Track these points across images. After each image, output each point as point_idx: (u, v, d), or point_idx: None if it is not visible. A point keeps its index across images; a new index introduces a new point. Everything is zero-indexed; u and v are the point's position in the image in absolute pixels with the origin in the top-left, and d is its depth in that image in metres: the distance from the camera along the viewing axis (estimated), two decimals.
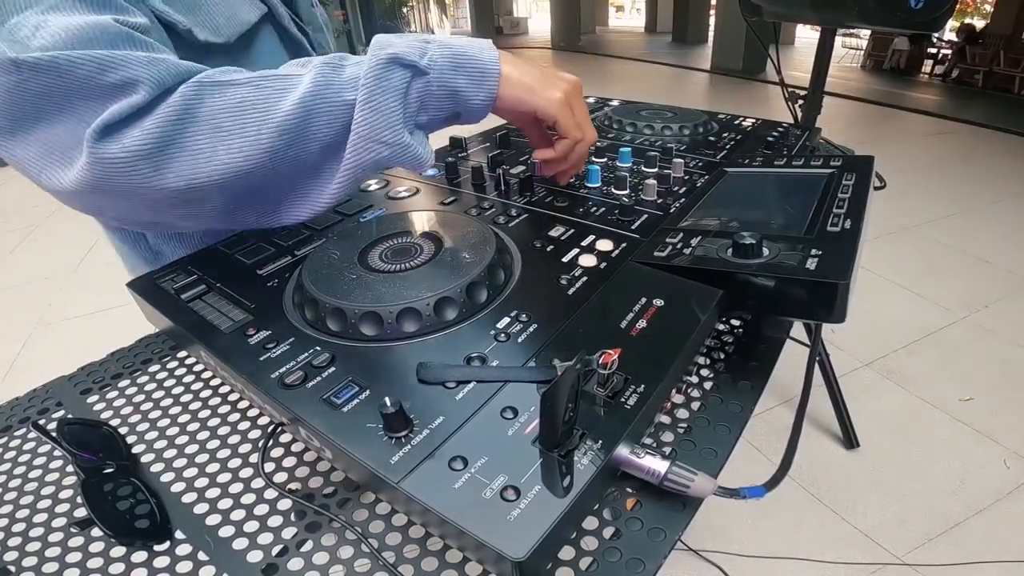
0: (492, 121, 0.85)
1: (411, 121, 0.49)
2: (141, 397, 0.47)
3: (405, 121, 0.48)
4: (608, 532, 0.34)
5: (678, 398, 0.44)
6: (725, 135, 0.83)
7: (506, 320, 0.42)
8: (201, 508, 0.38)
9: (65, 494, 0.40)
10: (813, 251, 0.43)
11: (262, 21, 0.61)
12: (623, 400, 0.35)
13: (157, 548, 0.35)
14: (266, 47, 0.62)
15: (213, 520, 0.37)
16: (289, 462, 0.40)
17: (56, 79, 0.40)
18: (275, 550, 0.34)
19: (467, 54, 0.49)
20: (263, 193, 0.50)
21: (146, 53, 0.43)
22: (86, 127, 0.41)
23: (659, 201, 0.61)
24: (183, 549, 0.35)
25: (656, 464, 0.34)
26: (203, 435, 0.43)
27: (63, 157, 0.43)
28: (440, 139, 0.86)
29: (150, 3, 0.51)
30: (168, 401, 0.47)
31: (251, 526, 0.36)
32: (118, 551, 0.35)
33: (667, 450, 0.39)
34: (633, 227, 0.56)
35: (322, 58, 0.48)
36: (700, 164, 0.71)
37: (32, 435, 0.45)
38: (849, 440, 1.72)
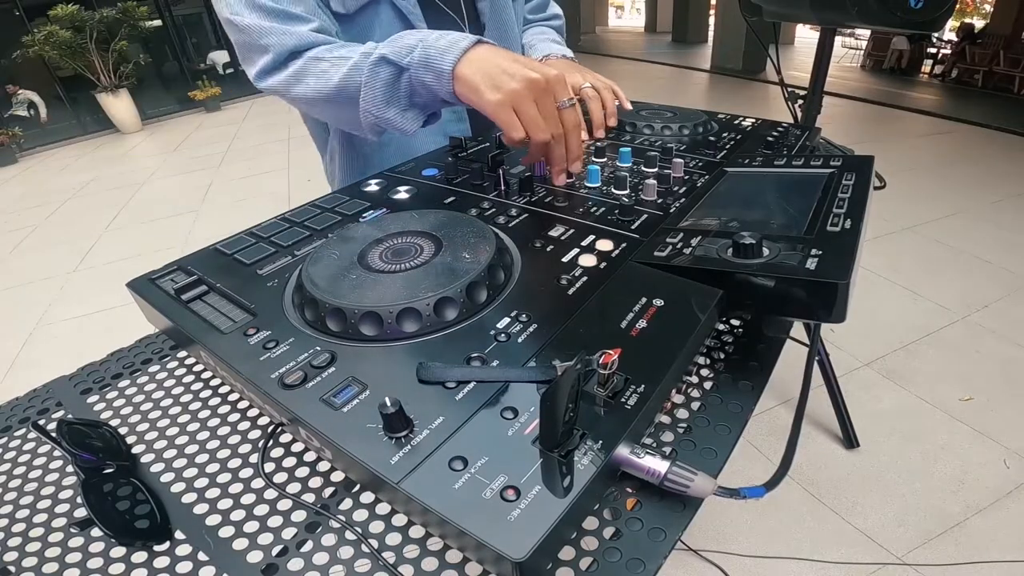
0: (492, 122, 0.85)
1: (403, 101, 0.65)
2: (141, 397, 0.47)
3: (389, 102, 0.65)
4: (608, 532, 0.34)
5: (678, 398, 0.44)
6: (725, 135, 0.83)
7: (506, 320, 0.42)
8: (201, 508, 0.37)
9: (65, 494, 0.40)
10: (813, 251, 0.43)
11: (380, 2, 0.77)
12: (623, 400, 0.35)
13: (157, 548, 0.35)
14: (383, 19, 0.78)
15: (213, 520, 0.37)
16: (289, 462, 0.40)
17: (237, 33, 0.70)
18: (275, 550, 0.34)
19: (434, 56, 0.60)
20: (343, 116, 0.70)
21: (284, 26, 0.67)
22: (252, 68, 0.71)
23: (659, 201, 0.61)
24: (183, 549, 0.35)
25: (656, 464, 0.34)
26: (203, 435, 0.43)
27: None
28: (440, 139, 0.86)
29: None
30: (168, 401, 0.47)
31: (251, 526, 0.36)
32: (118, 551, 0.35)
33: (667, 450, 0.39)
34: (633, 227, 0.56)
35: (366, 47, 0.65)
36: (700, 164, 0.71)
37: (32, 435, 0.45)
38: (849, 440, 1.72)
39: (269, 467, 0.40)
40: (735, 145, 0.79)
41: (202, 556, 0.35)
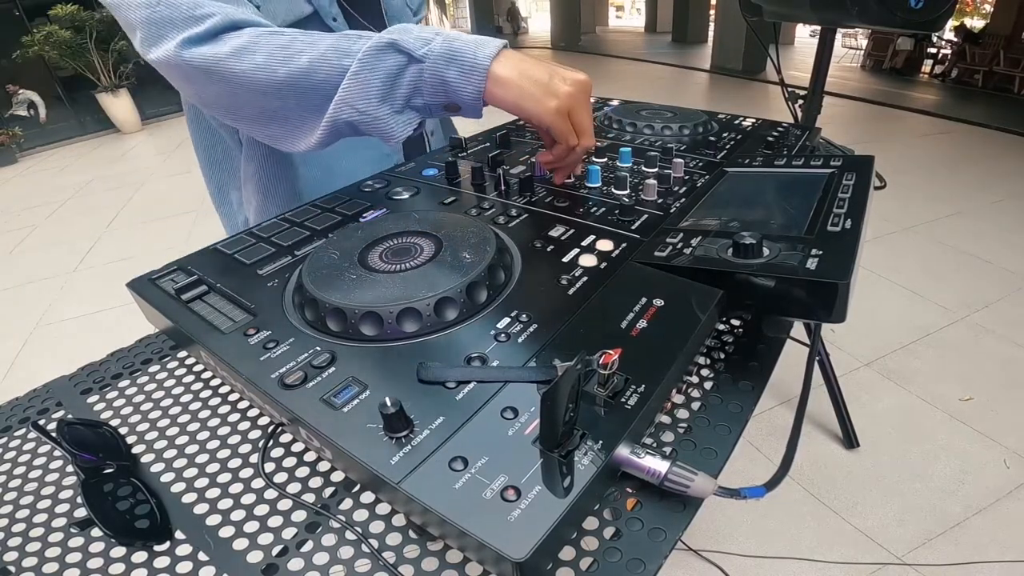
0: (492, 121, 0.85)
1: (400, 100, 0.56)
2: (141, 397, 0.47)
3: (384, 97, 0.55)
4: (608, 532, 0.34)
5: (678, 398, 0.44)
6: (725, 135, 0.83)
7: (506, 320, 0.42)
8: (201, 508, 0.37)
9: (65, 494, 0.40)
10: (813, 251, 0.43)
11: (310, 18, 0.71)
12: (623, 400, 0.35)
13: (157, 548, 0.35)
14: None
15: (213, 520, 0.37)
16: (289, 462, 0.40)
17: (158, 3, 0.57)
18: (275, 550, 0.34)
19: (462, 50, 0.54)
20: (281, 112, 0.60)
21: (226, 4, 0.58)
22: (173, 37, 0.56)
23: (659, 201, 0.61)
24: (183, 549, 0.35)
25: (656, 464, 0.34)
26: (203, 435, 0.43)
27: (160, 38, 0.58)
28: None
29: None
30: (168, 401, 0.47)
31: (251, 526, 0.36)
32: (118, 551, 0.35)
33: (667, 450, 0.39)
34: (633, 227, 0.56)
35: (350, 32, 0.57)
36: (700, 164, 0.71)
37: (32, 435, 0.45)
38: (849, 440, 1.72)
39: (269, 467, 0.40)
40: (735, 145, 0.79)
41: (202, 556, 0.35)
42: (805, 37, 10.71)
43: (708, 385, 0.45)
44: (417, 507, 0.30)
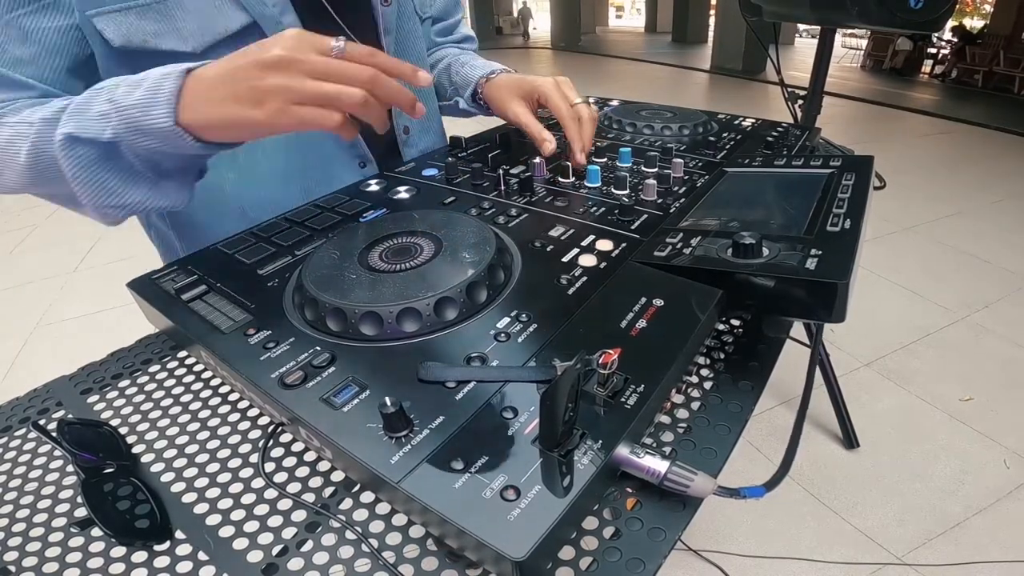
0: (492, 121, 0.85)
1: (147, 173, 0.49)
2: (141, 397, 0.47)
3: (127, 180, 0.48)
4: (608, 532, 0.34)
5: (678, 398, 0.44)
6: (725, 135, 0.83)
7: (506, 320, 0.42)
8: (201, 508, 0.37)
9: (65, 494, 0.40)
10: (813, 251, 0.43)
11: (246, 31, 0.58)
12: (623, 400, 0.35)
13: (157, 548, 0.35)
14: None
15: (213, 520, 0.37)
16: (289, 462, 0.40)
17: None
18: (275, 550, 0.34)
19: (140, 119, 0.44)
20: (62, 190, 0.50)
21: None
22: None
23: (659, 201, 0.61)
24: (183, 549, 0.35)
25: (656, 464, 0.34)
26: (203, 435, 0.43)
27: None
28: (440, 139, 0.86)
29: (91, 18, 0.52)
30: (168, 401, 0.47)
31: (251, 526, 0.36)
32: (118, 551, 0.35)
33: (667, 450, 0.39)
34: (633, 227, 0.56)
35: (52, 107, 0.48)
36: (700, 164, 0.71)
37: (32, 435, 0.45)
38: (849, 440, 1.72)
39: (269, 467, 0.40)
40: (735, 145, 0.79)
41: (202, 556, 0.35)
42: (805, 37, 10.71)
43: (708, 385, 0.45)
44: (417, 507, 0.31)
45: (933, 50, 8.40)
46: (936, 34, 7.41)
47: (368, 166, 0.75)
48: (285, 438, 0.42)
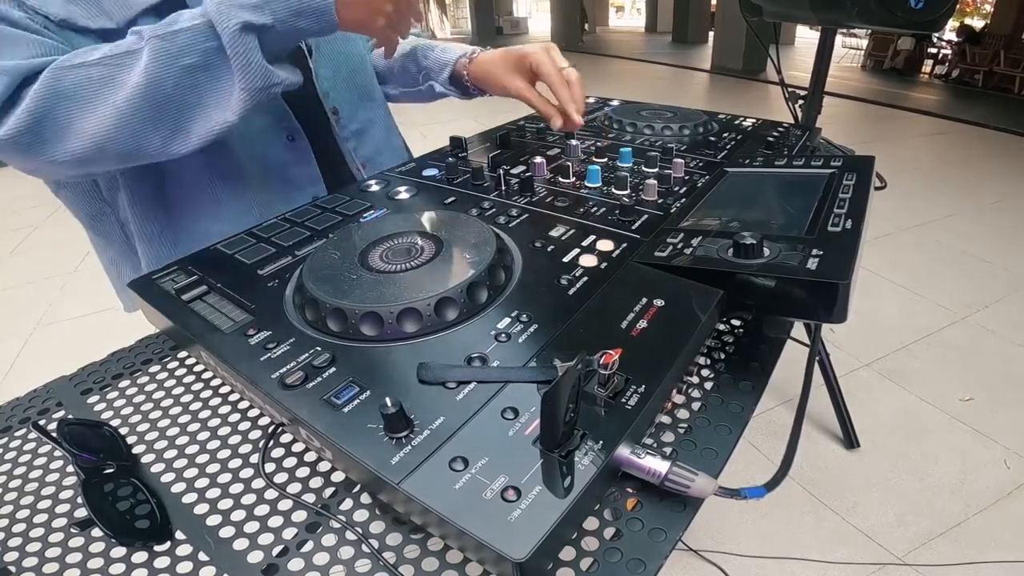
0: (493, 121, 0.85)
1: (282, 55, 0.56)
2: (141, 397, 0.47)
3: (274, 62, 0.53)
4: (609, 532, 0.34)
5: (679, 398, 0.44)
6: (725, 135, 0.83)
7: (507, 320, 0.42)
8: (201, 508, 0.37)
9: (65, 494, 0.39)
10: (814, 251, 0.43)
11: (164, 4, 0.59)
12: (624, 400, 0.35)
13: (157, 548, 0.35)
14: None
15: (213, 520, 0.37)
16: (289, 462, 0.40)
17: None
18: (276, 550, 0.34)
19: (300, 4, 0.52)
20: (171, 112, 0.53)
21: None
22: None
23: (659, 201, 0.61)
24: (183, 549, 0.35)
25: (657, 464, 0.34)
26: (203, 435, 0.43)
27: None
28: (440, 139, 0.86)
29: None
30: (168, 401, 0.47)
31: (251, 526, 0.36)
32: (118, 551, 0.35)
33: (668, 450, 0.39)
34: (633, 227, 0.56)
35: (152, 28, 0.51)
36: (700, 164, 0.71)
37: (32, 435, 0.45)
38: (849, 440, 1.71)
39: (269, 467, 0.40)
40: (735, 145, 0.79)
41: (202, 556, 0.35)
42: (805, 37, 10.71)
43: (708, 385, 0.45)
44: (417, 507, 0.30)
45: (933, 50, 8.39)
46: (937, 34, 7.41)
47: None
48: (285, 438, 0.42)
